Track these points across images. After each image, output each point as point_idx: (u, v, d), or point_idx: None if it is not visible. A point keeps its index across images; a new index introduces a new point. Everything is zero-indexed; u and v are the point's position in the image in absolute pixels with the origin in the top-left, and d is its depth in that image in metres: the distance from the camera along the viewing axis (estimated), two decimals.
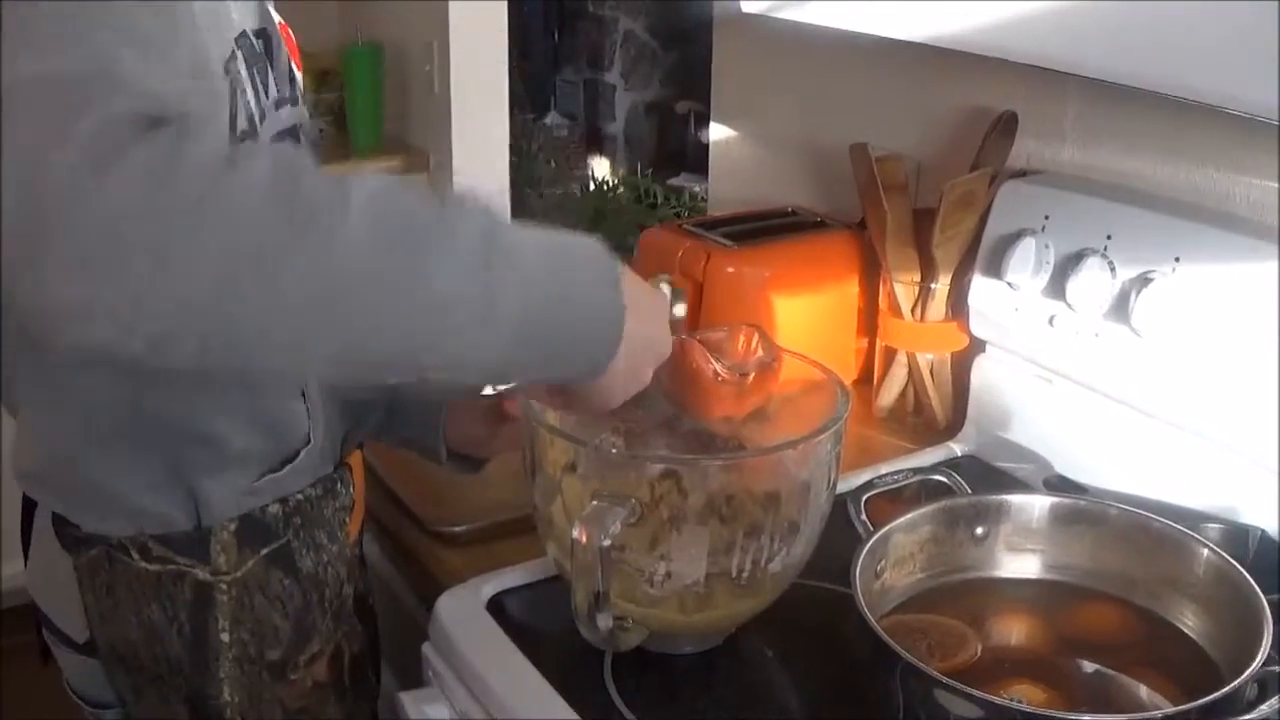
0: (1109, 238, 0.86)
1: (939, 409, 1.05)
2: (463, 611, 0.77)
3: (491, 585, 0.79)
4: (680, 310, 0.69)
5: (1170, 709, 0.63)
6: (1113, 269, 0.86)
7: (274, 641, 0.73)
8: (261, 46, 0.66)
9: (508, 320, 0.51)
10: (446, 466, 0.84)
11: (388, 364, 0.50)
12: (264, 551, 0.71)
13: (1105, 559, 0.75)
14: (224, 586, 0.70)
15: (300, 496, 0.73)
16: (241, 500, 0.70)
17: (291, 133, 0.68)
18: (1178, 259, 0.82)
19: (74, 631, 0.74)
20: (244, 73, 0.62)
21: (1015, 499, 0.78)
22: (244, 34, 0.63)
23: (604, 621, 0.64)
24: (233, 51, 0.61)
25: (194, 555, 0.69)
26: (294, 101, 0.71)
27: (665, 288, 0.69)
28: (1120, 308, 0.85)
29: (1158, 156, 0.92)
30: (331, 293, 0.46)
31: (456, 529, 0.89)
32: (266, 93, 0.65)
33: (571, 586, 0.65)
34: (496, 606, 0.78)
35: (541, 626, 0.77)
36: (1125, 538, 0.75)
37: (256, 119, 0.64)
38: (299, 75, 0.74)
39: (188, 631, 0.70)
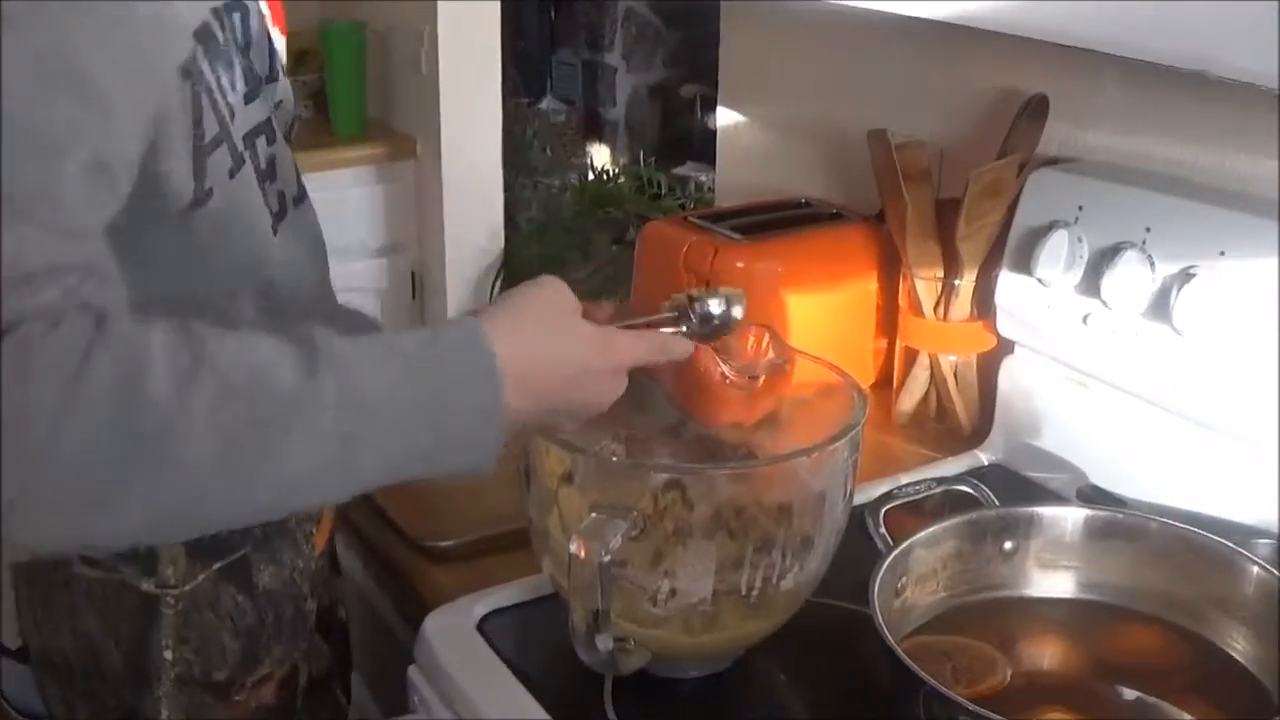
0: (1148, 230, 0.86)
1: (964, 414, 1.05)
2: (451, 632, 0.77)
3: (482, 604, 0.79)
4: (738, 312, 0.68)
5: None
6: (1152, 263, 0.85)
7: (220, 662, 0.72)
8: (236, 22, 0.66)
9: (372, 470, 0.57)
10: None
11: (254, 523, 0.60)
12: (217, 565, 0.71)
13: (1145, 576, 0.75)
14: (170, 601, 0.70)
15: None
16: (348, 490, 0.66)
17: (264, 127, 0.68)
18: (1222, 252, 0.82)
19: (8, 636, 0.74)
20: (208, 71, 0.62)
21: (1046, 511, 0.78)
22: (205, 25, 0.63)
23: (603, 643, 0.64)
24: (193, 51, 0.61)
25: (140, 566, 0.69)
26: (273, 77, 0.71)
27: (714, 302, 0.68)
28: (1160, 305, 0.85)
29: (1200, 142, 0.92)
30: (183, 507, 0.52)
31: (445, 543, 0.88)
32: (234, 86, 0.65)
33: (569, 605, 0.65)
34: (488, 627, 0.78)
35: (536, 648, 0.76)
36: (1167, 554, 0.74)
37: (227, 117, 0.63)
38: (281, 43, 0.73)
39: (127, 646, 0.70)
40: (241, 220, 0.66)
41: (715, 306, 0.70)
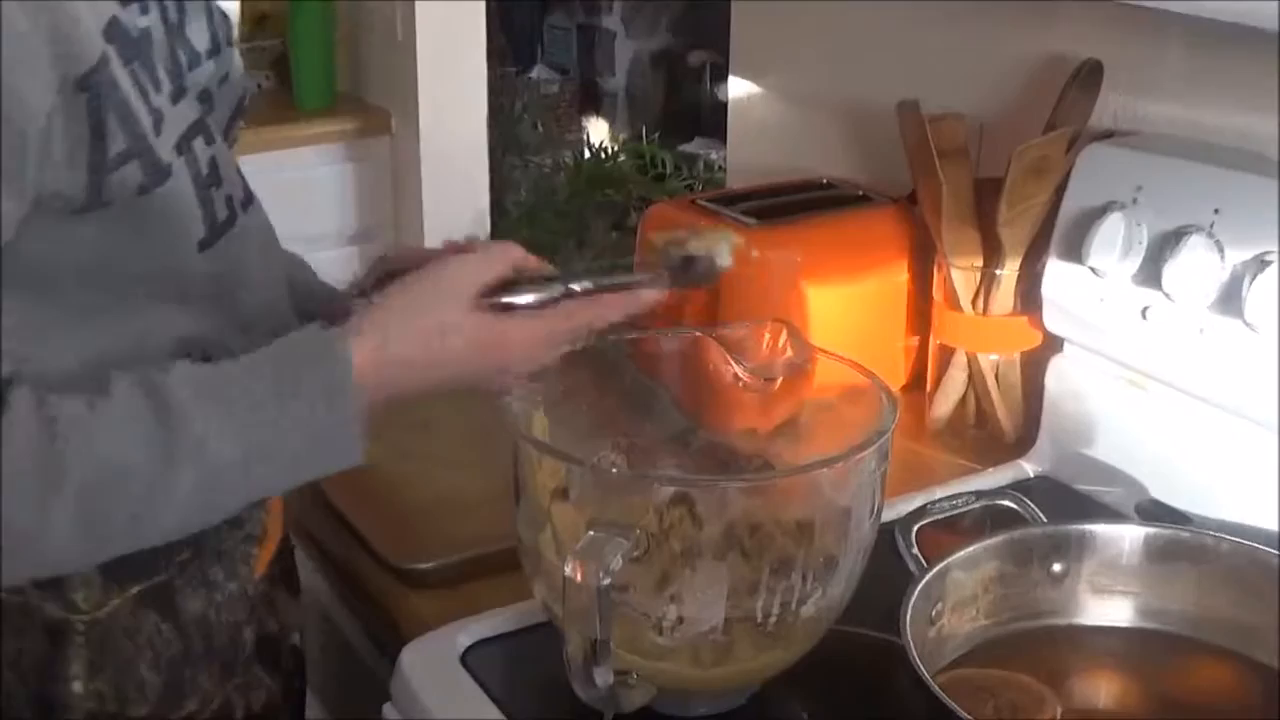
0: (1216, 212, 0.86)
1: (1006, 420, 1.05)
2: (432, 665, 0.77)
3: (467, 634, 0.79)
4: (724, 258, 0.72)
5: None
6: (1221, 249, 0.85)
7: (138, 697, 0.72)
8: (170, 10, 0.66)
9: (238, 504, 0.69)
10: None
11: None
12: (135, 590, 0.71)
13: (1213, 603, 0.75)
14: (80, 627, 0.70)
15: None
16: (217, 515, 0.70)
17: (199, 127, 0.68)
18: None
19: None
20: (121, 76, 0.63)
21: (1100, 529, 0.78)
22: (114, 21, 0.63)
23: (603, 677, 0.64)
24: (101, 56, 0.61)
25: (48, 587, 0.69)
26: (214, 51, 0.71)
27: (694, 244, 0.71)
28: (1230, 297, 0.85)
29: (1276, 112, 0.91)
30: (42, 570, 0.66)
31: (424, 566, 0.88)
32: (158, 86, 0.65)
33: (563, 635, 0.64)
34: (473, 659, 0.78)
35: (527, 684, 0.76)
36: (1237, 577, 0.74)
37: (148, 127, 0.64)
38: (232, 5, 0.74)
39: (32, 678, 0.70)
40: (151, 239, 0.66)
41: (694, 249, 0.70)
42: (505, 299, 0.71)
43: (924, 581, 0.71)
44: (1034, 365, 1.03)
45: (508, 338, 0.71)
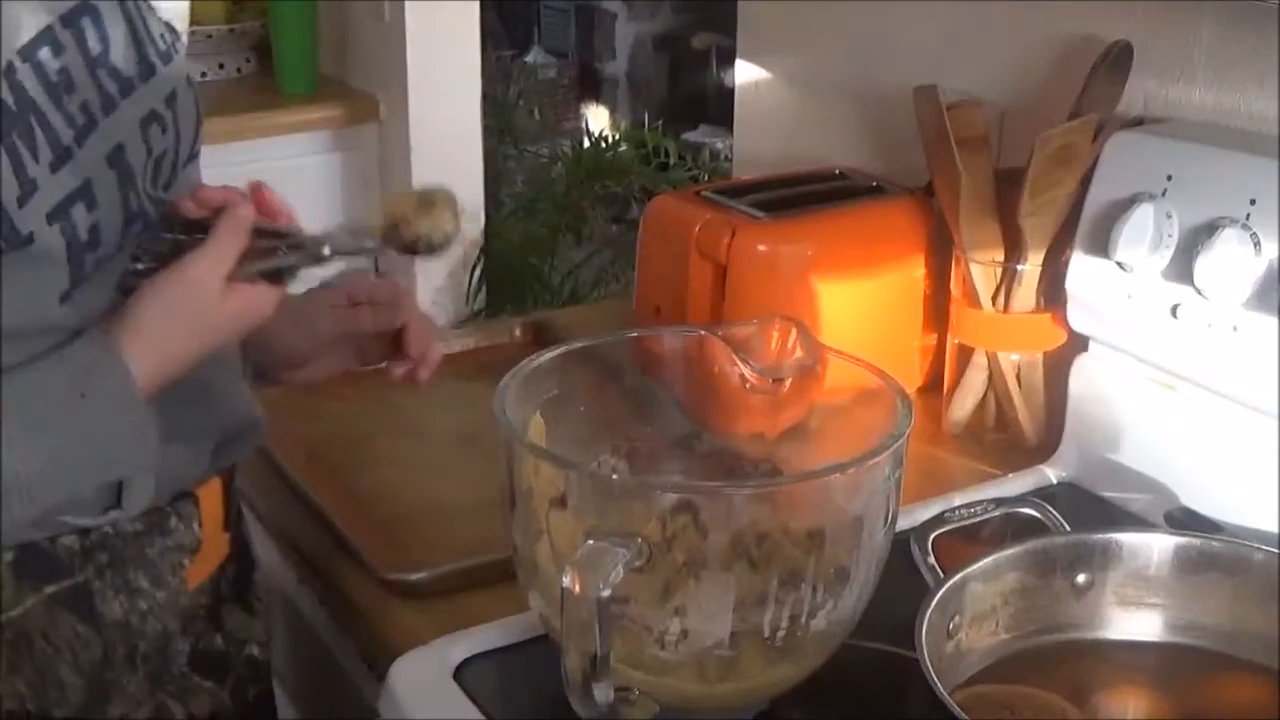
0: (1252, 203, 0.86)
1: (1028, 423, 1.05)
2: (423, 681, 0.77)
3: (460, 648, 0.79)
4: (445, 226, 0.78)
5: None
6: (1256, 243, 0.86)
7: (59, 699, 0.75)
8: (84, 30, 0.70)
9: (41, 503, 0.72)
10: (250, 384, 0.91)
11: None
12: (49, 590, 0.74)
13: (1248, 617, 0.75)
14: None
15: (109, 530, 0.77)
16: (23, 529, 0.73)
17: (81, 194, 0.72)
18: None
19: None
20: (40, 100, 0.69)
21: (1128, 539, 0.78)
22: (31, 44, 0.68)
23: (603, 693, 0.65)
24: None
25: None
26: (149, 73, 0.75)
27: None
28: (1266, 293, 0.85)
29: None
30: None
31: (415, 576, 0.89)
32: (36, 157, 0.69)
33: (561, 649, 0.65)
34: (466, 674, 0.78)
35: (523, 700, 0.77)
36: (1273, 589, 0.74)
37: (11, 199, 0.68)
38: (176, 8, 0.78)
39: None
40: (11, 291, 0.71)
41: (419, 229, 0.79)
42: (258, 271, 0.76)
43: (941, 593, 0.71)
44: (1057, 365, 1.03)
45: (264, 301, 0.77)
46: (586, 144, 2.77)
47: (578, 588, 0.63)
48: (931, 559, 0.78)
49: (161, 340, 0.74)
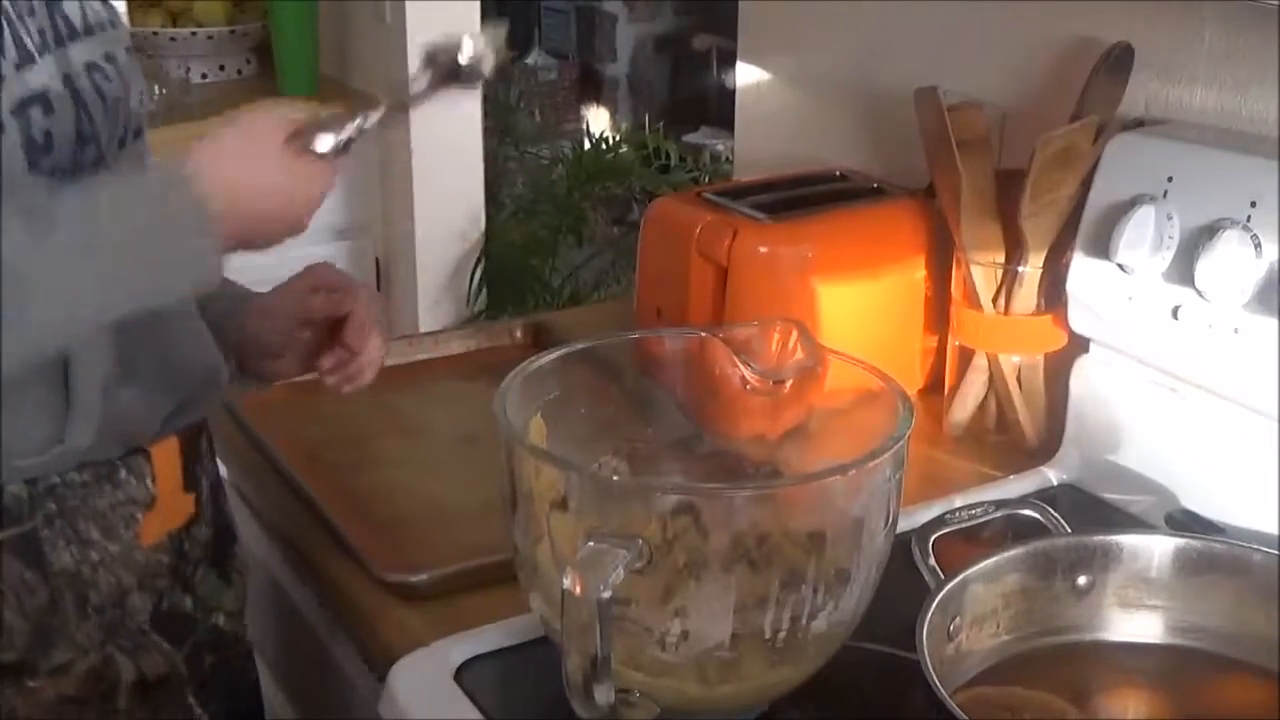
0: (1253, 205, 0.86)
1: (1028, 425, 1.05)
2: (423, 683, 0.77)
3: (460, 649, 0.79)
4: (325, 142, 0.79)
5: None
6: (1257, 245, 0.86)
7: (6, 642, 0.78)
8: None
9: (93, 305, 0.72)
10: (233, 383, 0.91)
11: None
12: None
13: (1248, 618, 0.75)
14: None
15: (57, 480, 0.78)
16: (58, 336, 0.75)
17: (39, 99, 0.75)
18: None
19: None
20: (8, 6, 0.73)
21: (1128, 540, 0.78)
22: None
23: (603, 695, 0.65)
24: None
25: None
26: (88, 30, 0.79)
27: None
28: (1266, 294, 0.85)
29: None
30: None
31: (416, 578, 0.89)
32: (3, 53, 0.73)
33: (562, 650, 0.65)
34: (467, 676, 0.78)
35: (523, 701, 0.77)
36: (1274, 591, 0.74)
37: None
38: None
39: None
40: None
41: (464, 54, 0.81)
42: (313, 144, 0.77)
43: (941, 595, 0.71)
44: (1058, 367, 1.03)
45: (325, 170, 0.78)
46: (587, 146, 2.76)
47: (578, 589, 0.63)
48: (932, 560, 0.78)
49: (226, 184, 0.74)
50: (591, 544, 0.64)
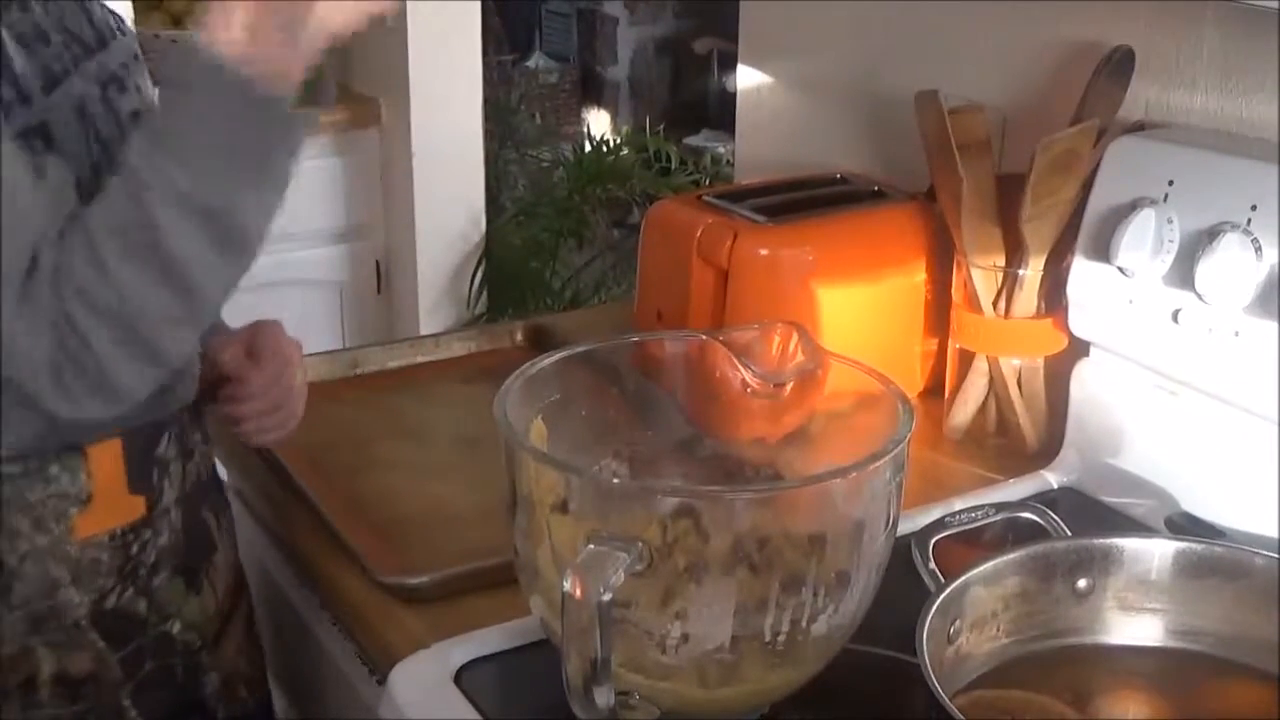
0: (1253, 208, 0.86)
1: (1029, 428, 1.05)
2: (424, 685, 0.78)
3: (460, 652, 0.80)
4: None
5: None
6: (1257, 249, 0.86)
7: None
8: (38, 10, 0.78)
9: (241, 208, 0.76)
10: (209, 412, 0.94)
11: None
12: None
13: (1248, 622, 0.75)
14: None
15: None
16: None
17: (39, 130, 0.77)
18: None
19: None
20: (11, 49, 0.76)
21: (1129, 544, 0.78)
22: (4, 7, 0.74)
23: (603, 697, 0.65)
24: None
25: None
26: (100, 43, 0.82)
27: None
28: (1267, 298, 0.85)
29: None
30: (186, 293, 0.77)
31: (416, 580, 0.89)
32: (43, 73, 0.77)
33: (562, 653, 0.65)
34: (467, 679, 0.78)
35: (524, 704, 0.77)
36: (1274, 594, 0.74)
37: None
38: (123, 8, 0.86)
39: None
40: None
41: None
42: None
43: (941, 598, 0.71)
44: (1058, 370, 1.03)
45: None
46: (588, 148, 2.77)
47: (579, 592, 0.63)
48: (932, 564, 0.78)
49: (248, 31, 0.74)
50: (592, 547, 0.64)
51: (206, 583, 0.93)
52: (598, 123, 3.76)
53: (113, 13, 0.88)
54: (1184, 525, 0.90)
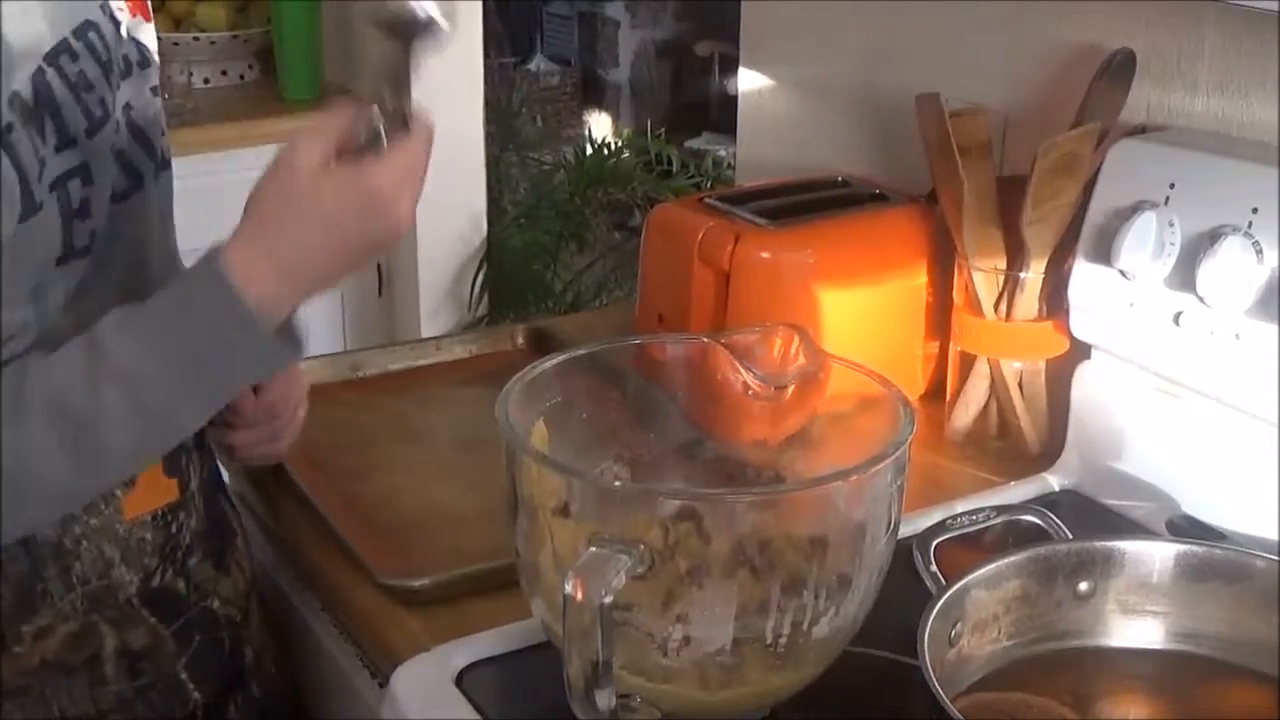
0: (1254, 211, 0.87)
1: (1030, 431, 1.05)
2: (425, 687, 0.78)
3: (461, 654, 0.80)
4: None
5: None
6: (1259, 252, 0.86)
7: None
8: (83, 50, 0.78)
9: (182, 418, 0.79)
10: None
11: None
12: None
13: (1249, 624, 0.75)
14: None
15: None
16: (157, 448, 0.81)
17: (79, 170, 0.78)
18: None
19: None
20: (21, 139, 0.74)
21: (1130, 546, 0.78)
22: (15, 96, 0.74)
23: (605, 700, 0.65)
24: (7, 124, 0.73)
25: None
26: (128, 73, 0.84)
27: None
28: (1268, 300, 0.85)
29: None
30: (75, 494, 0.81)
31: (417, 583, 0.89)
32: (45, 140, 0.76)
33: (563, 655, 0.65)
34: (468, 681, 0.78)
35: (525, 707, 0.77)
36: (1275, 597, 0.74)
37: (31, 171, 0.75)
38: (146, 31, 0.86)
39: None
40: (23, 252, 0.77)
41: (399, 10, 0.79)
42: (356, 157, 0.75)
43: (943, 601, 0.71)
44: (1060, 373, 1.03)
45: (378, 187, 0.76)
46: (589, 151, 2.77)
47: (580, 594, 0.63)
48: (934, 566, 0.78)
49: (276, 240, 0.74)
50: (593, 549, 0.64)
51: (234, 565, 0.95)
52: (599, 125, 3.76)
53: (139, 44, 0.88)
54: (1185, 528, 0.90)
